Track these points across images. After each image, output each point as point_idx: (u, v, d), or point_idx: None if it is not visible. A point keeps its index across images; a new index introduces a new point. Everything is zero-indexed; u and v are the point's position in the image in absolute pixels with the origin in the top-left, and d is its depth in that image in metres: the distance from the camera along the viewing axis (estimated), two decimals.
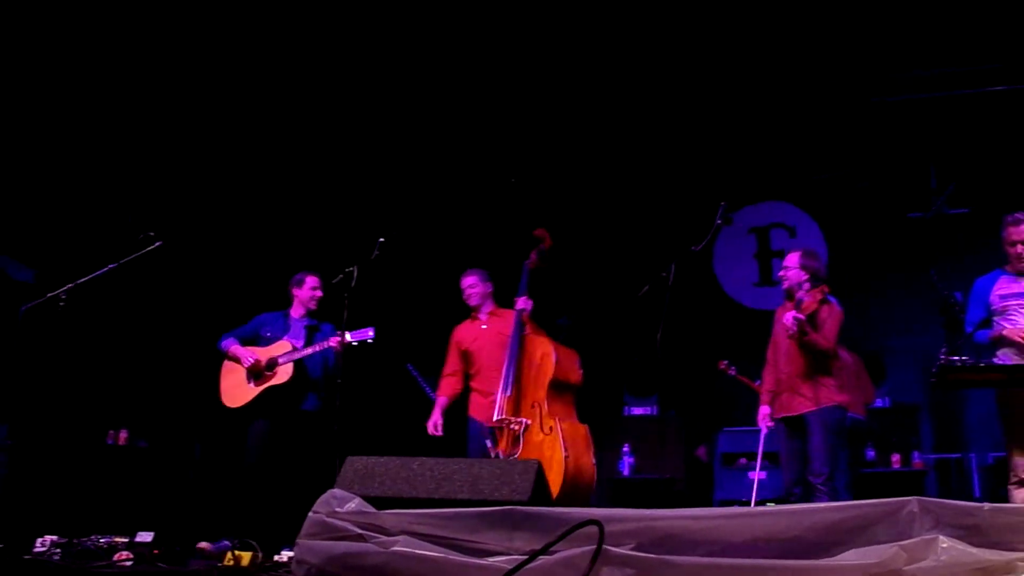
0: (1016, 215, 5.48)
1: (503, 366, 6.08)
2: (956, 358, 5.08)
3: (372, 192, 9.20)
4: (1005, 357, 5.39)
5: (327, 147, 9.22)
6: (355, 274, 5.62)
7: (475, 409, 6.42)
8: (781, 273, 6.26)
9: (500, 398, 5.94)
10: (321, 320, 6.71)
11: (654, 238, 8.95)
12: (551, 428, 5.71)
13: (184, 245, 7.37)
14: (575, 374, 6.09)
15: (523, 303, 6.26)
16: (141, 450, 7.79)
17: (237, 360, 6.50)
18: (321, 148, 9.21)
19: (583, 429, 5.93)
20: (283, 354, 6.42)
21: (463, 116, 9.16)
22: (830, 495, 5.76)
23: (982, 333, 5.53)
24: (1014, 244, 5.48)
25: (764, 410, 6.25)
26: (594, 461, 5.89)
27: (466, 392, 6.58)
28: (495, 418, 5.93)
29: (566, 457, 5.57)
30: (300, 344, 6.48)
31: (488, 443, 6.06)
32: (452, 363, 6.62)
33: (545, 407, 5.81)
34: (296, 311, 6.74)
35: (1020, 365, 5.25)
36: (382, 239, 5.74)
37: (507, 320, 6.37)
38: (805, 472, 5.89)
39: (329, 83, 8.76)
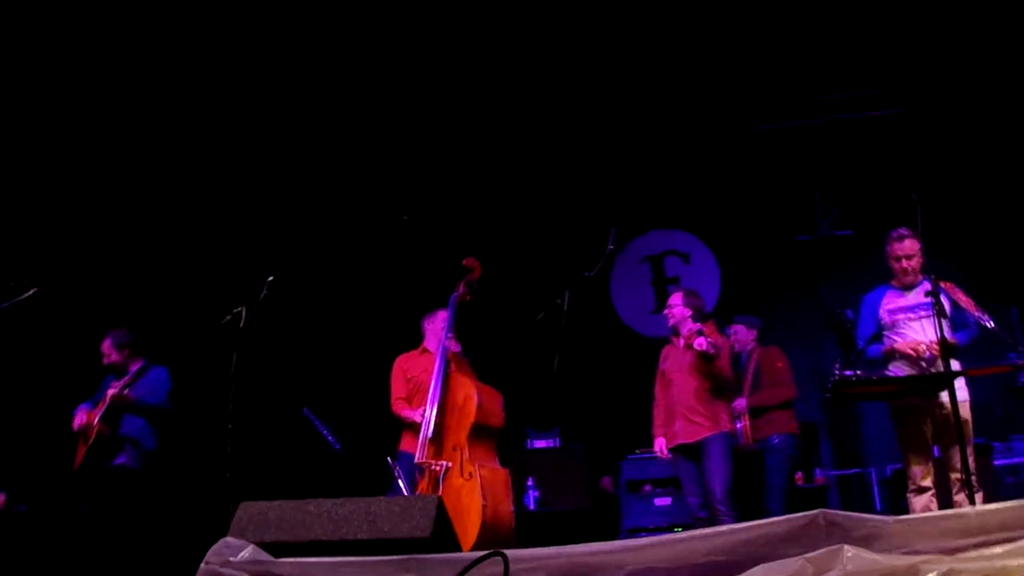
0: (900, 231, 5.61)
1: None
2: (850, 372, 5.19)
3: (265, 233, 8.94)
4: (897, 369, 5.51)
5: (230, 185, 8.93)
6: (243, 315, 5.43)
7: (408, 443, 6.15)
8: (666, 311, 6.52)
9: (422, 439, 5.73)
10: (151, 364, 6.67)
11: (549, 272, 8.92)
12: (471, 474, 5.50)
13: (64, 293, 7.08)
14: (497, 417, 5.90)
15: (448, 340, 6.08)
16: (20, 514, 7.39)
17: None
18: (224, 186, 8.91)
19: (503, 474, 5.75)
20: (97, 411, 6.45)
21: (353, 154, 9.03)
22: (732, 517, 5.89)
23: (874, 348, 5.64)
24: (898, 259, 5.61)
25: (660, 442, 6.41)
26: (512, 508, 5.74)
27: (391, 425, 6.39)
28: (416, 459, 5.71)
29: (484, 506, 5.38)
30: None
31: (401, 482, 5.86)
32: (402, 389, 6.34)
33: (467, 451, 5.61)
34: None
35: (911, 376, 5.37)
36: (271, 278, 5.58)
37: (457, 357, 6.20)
38: (707, 496, 6.01)
39: (229, 109, 8.51)
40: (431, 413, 5.74)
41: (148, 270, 8.53)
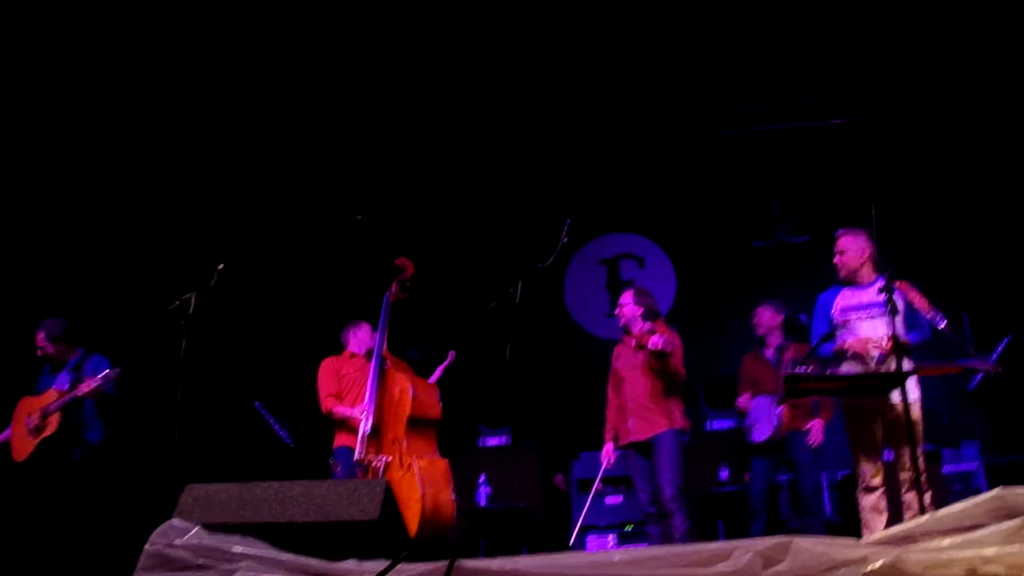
0: (841, 229, 5.69)
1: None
2: (802, 368, 5.21)
3: (216, 222, 8.80)
4: (849, 368, 5.51)
5: (181, 166, 8.78)
6: (192, 302, 5.33)
7: (345, 438, 6.24)
8: (617, 311, 6.54)
9: (361, 435, 5.80)
10: (90, 353, 6.55)
11: (502, 265, 8.88)
12: (409, 465, 5.60)
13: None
14: (434, 409, 5.97)
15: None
16: None
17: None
18: (174, 167, 8.76)
19: (442, 465, 5.83)
20: (52, 402, 6.26)
21: (309, 147, 8.95)
22: (683, 514, 5.92)
23: (826, 346, 5.64)
24: (835, 255, 5.67)
25: (608, 448, 6.45)
26: (454, 497, 5.81)
27: (325, 422, 6.38)
28: (356, 457, 5.77)
29: (423, 495, 5.48)
30: (66, 388, 6.33)
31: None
32: (333, 385, 6.42)
33: (405, 444, 5.70)
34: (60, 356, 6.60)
35: (862, 374, 5.38)
36: (221, 266, 5.49)
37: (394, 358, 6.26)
38: (657, 493, 6.04)
39: (178, 95, 8.36)
40: (371, 409, 5.81)
41: (100, 253, 8.35)
